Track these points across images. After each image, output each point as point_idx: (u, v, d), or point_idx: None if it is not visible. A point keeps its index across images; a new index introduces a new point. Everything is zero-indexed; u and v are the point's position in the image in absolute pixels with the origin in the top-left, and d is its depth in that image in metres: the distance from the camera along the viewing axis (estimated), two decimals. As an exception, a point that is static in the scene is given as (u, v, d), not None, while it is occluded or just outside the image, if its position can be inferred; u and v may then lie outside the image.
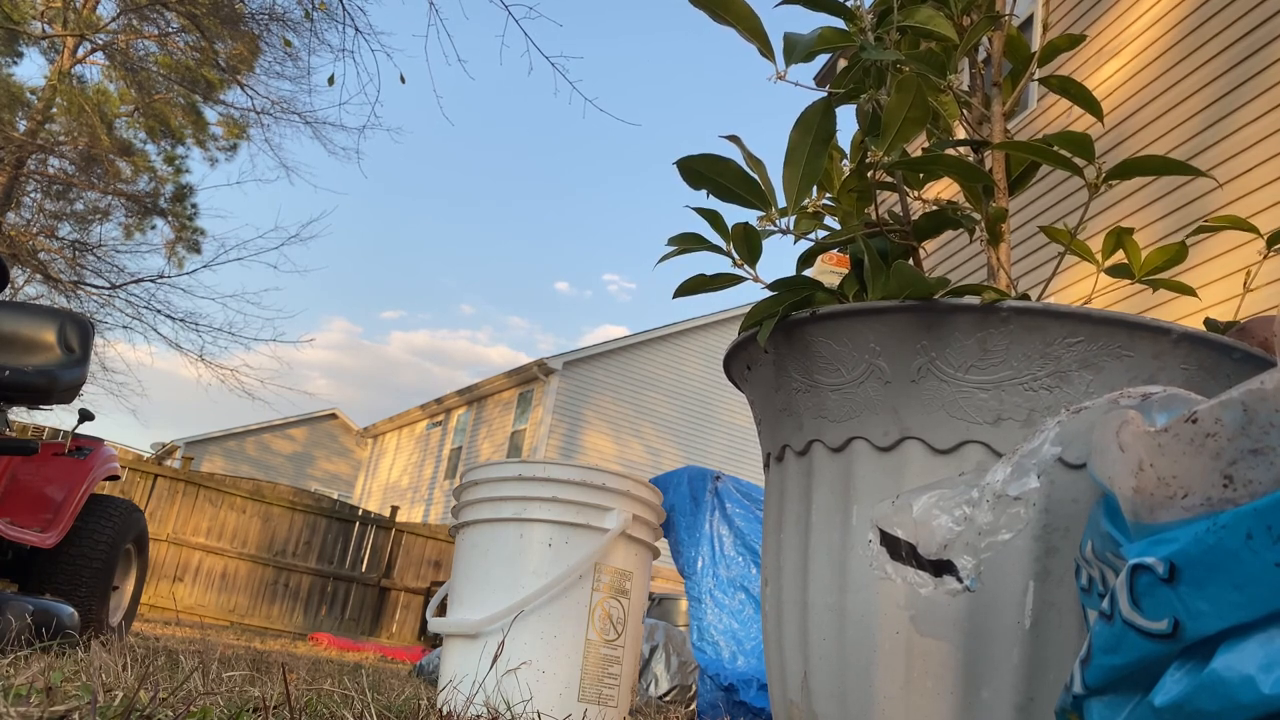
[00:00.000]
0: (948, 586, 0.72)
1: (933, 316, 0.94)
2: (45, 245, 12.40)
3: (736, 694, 2.28)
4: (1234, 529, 0.48)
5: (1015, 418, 0.91)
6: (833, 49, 1.08)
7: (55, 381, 2.68)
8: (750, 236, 1.06)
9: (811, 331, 1.02)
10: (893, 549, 0.74)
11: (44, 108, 11.86)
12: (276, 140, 23.53)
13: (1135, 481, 0.54)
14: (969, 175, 1.04)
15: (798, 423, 1.07)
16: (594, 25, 52.13)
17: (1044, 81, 1.17)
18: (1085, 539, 0.65)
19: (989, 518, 0.68)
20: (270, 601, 9.98)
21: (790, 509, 1.08)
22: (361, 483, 22.45)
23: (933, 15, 1.06)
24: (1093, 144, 1.01)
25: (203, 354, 12.66)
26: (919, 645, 0.89)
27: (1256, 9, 4.53)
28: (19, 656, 1.85)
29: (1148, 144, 5.01)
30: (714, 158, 1.04)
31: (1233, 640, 0.48)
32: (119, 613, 3.30)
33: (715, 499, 2.52)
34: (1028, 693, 0.86)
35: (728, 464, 16.03)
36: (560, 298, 78.84)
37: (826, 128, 1.01)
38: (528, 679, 1.76)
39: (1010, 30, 1.21)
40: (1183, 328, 0.89)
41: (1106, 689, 0.56)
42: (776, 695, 1.09)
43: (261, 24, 11.61)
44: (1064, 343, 0.90)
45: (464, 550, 1.94)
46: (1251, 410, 0.48)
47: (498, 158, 76.46)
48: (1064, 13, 6.03)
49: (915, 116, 0.98)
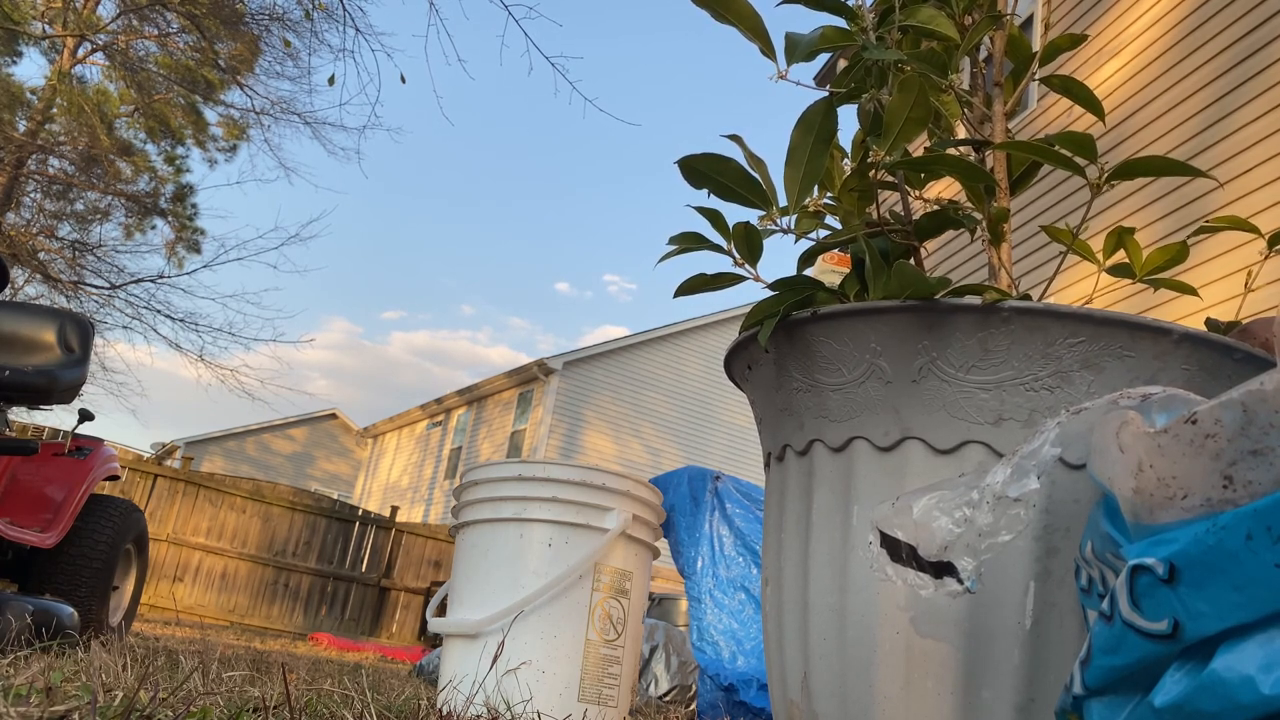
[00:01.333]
0: (948, 588, 0.72)
1: (934, 316, 0.94)
2: (45, 245, 12.41)
3: (736, 694, 2.28)
4: (1234, 530, 0.48)
5: (1016, 418, 0.91)
6: (834, 48, 1.07)
7: (55, 381, 2.68)
8: (751, 236, 1.06)
9: (812, 331, 1.02)
10: (893, 551, 0.74)
11: (44, 108, 11.86)
12: (276, 140, 23.57)
13: (1135, 482, 0.54)
14: (971, 175, 1.04)
15: (798, 422, 1.07)
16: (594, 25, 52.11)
17: (1046, 81, 1.17)
18: (1085, 539, 0.65)
19: (989, 519, 0.68)
20: (270, 601, 9.98)
21: (791, 509, 1.07)
22: (361, 483, 22.46)
23: (934, 15, 1.06)
24: (1095, 144, 1.01)
25: (203, 354, 12.68)
26: (919, 646, 0.89)
27: (1256, 9, 4.53)
28: (19, 656, 1.85)
29: (1148, 144, 5.01)
30: (715, 157, 1.04)
31: (1232, 641, 0.48)
32: (119, 613, 3.30)
33: (715, 499, 2.52)
34: (1028, 693, 0.86)
35: (728, 464, 16.03)
36: (561, 298, 78.87)
37: (828, 127, 1.01)
38: (528, 679, 1.76)
39: (1012, 30, 1.21)
40: (1184, 328, 0.89)
41: (1106, 690, 0.56)
42: (777, 695, 1.09)
43: (261, 24, 11.62)
44: (1065, 343, 0.90)
45: (464, 550, 1.94)
46: (1251, 411, 0.48)
47: (498, 158, 76.49)
48: (1064, 12, 6.04)
49: (917, 116, 0.98)
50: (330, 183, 47.00)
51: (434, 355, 61.11)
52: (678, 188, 1.92)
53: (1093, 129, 5.46)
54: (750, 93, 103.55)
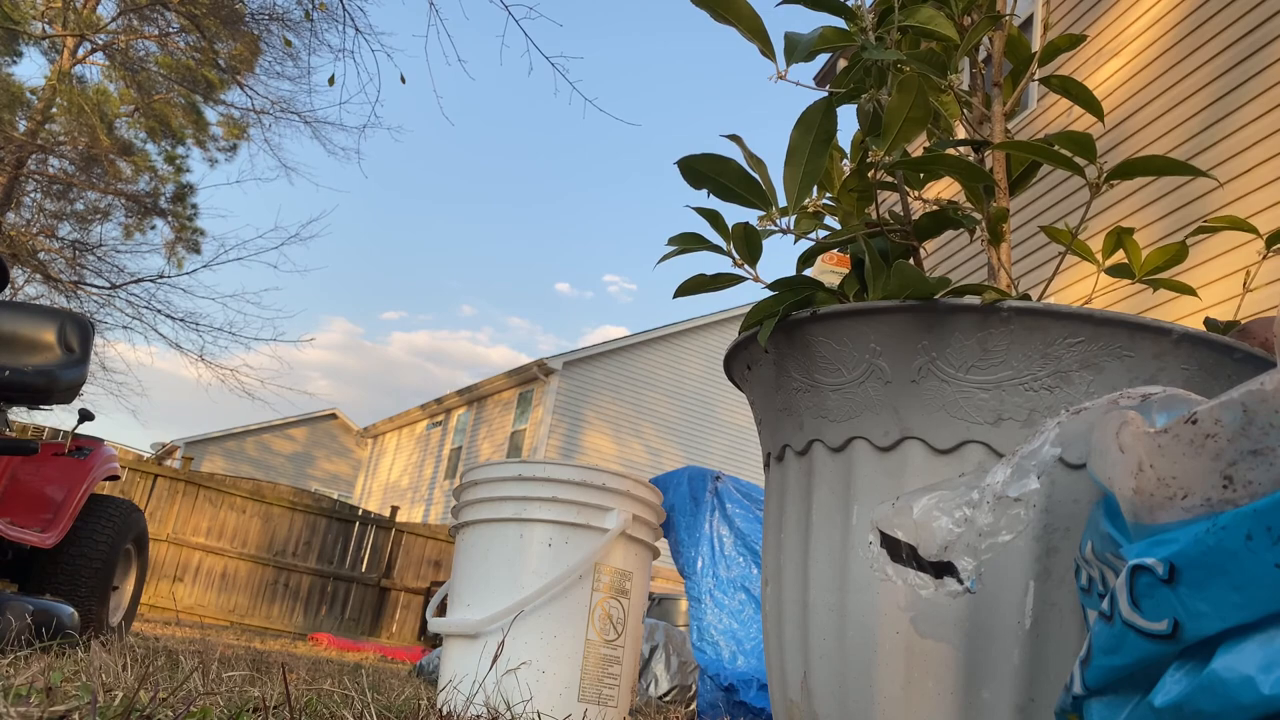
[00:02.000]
0: (948, 588, 0.72)
1: (933, 317, 0.94)
2: (45, 245, 12.40)
3: (736, 694, 2.28)
4: (1234, 530, 0.48)
5: (1016, 418, 0.91)
6: (834, 48, 1.08)
7: (55, 381, 2.68)
8: (750, 236, 1.06)
9: (812, 331, 1.02)
10: (893, 551, 0.74)
11: (44, 108, 11.86)
12: (276, 140, 23.58)
13: (1135, 482, 0.54)
14: (970, 175, 1.04)
15: (798, 422, 1.07)
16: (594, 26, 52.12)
17: (1045, 81, 1.17)
18: (1085, 539, 0.65)
19: (989, 519, 0.68)
20: (270, 601, 9.98)
21: (790, 509, 1.08)
22: (361, 483, 22.45)
23: (934, 15, 1.06)
24: (1094, 144, 1.01)
25: (203, 354, 12.67)
26: (919, 645, 0.89)
27: (1256, 9, 4.53)
28: (19, 656, 1.85)
29: (1148, 144, 5.01)
30: (715, 157, 1.04)
31: (1232, 641, 0.48)
32: (119, 613, 3.30)
33: (715, 499, 2.52)
34: (1028, 693, 0.86)
35: (728, 464, 16.03)
36: (561, 299, 78.88)
37: (827, 127, 1.01)
38: (528, 679, 1.76)
39: (1011, 30, 1.21)
40: (1184, 328, 0.89)
41: (1106, 689, 0.56)
42: (777, 696, 1.09)
43: (261, 24, 11.62)
44: (1065, 343, 0.90)
45: (464, 550, 1.94)
46: (1251, 411, 0.48)
47: (499, 158, 76.50)
48: (1064, 12, 6.03)
49: (917, 116, 0.98)
50: (330, 182, 46.98)
51: (434, 356, 61.12)
52: (678, 188, 1.91)
53: (1092, 129, 5.46)
54: (751, 93, 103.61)
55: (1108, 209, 5.17)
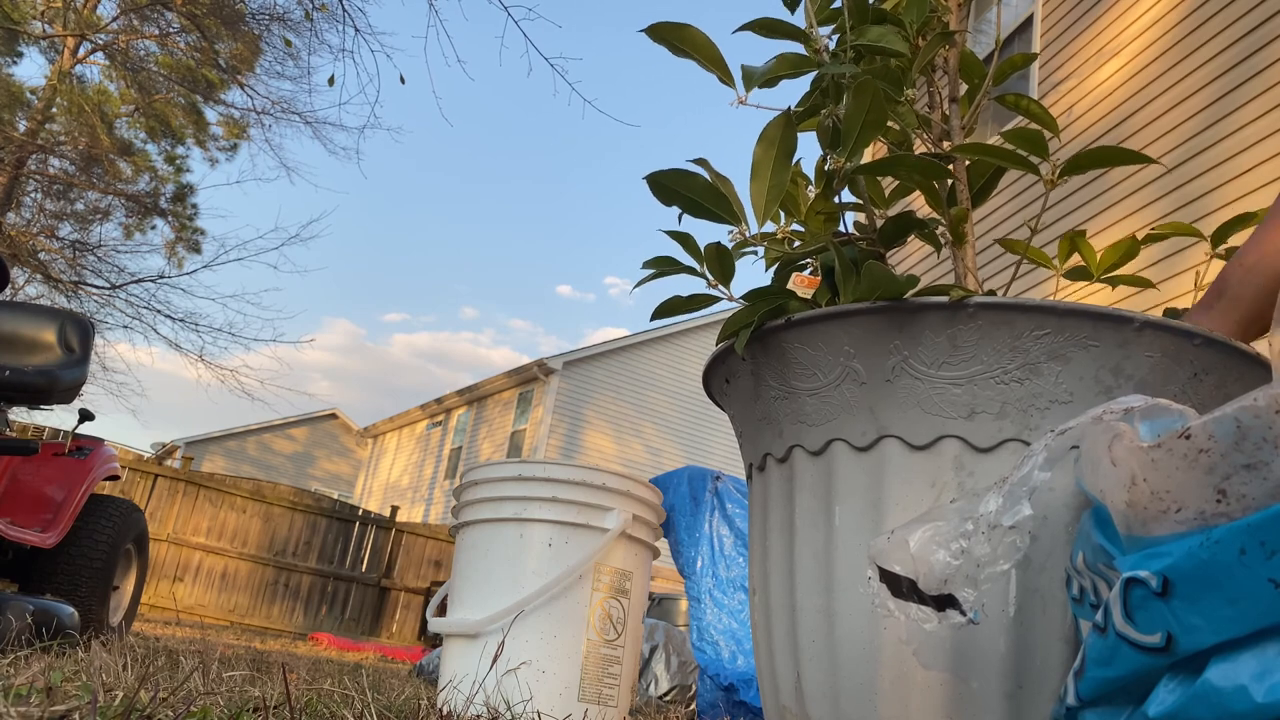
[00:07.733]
0: (952, 620, 0.72)
1: (904, 316, 0.96)
2: (45, 245, 12.40)
3: (736, 694, 2.28)
4: (1227, 544, 0.48)
5: (989, 410, 0.93)
6: (792, 74, 1.09)
7: (55, 381, 2.68)
8: (723, 257, 1.08)
9: (787, 338, 1.04)
10: (894, 586, 0.74)
11: (44, 108, 11.86)
12: (276, 140, 23.57)
13: (1128, 495, 0.54)
14: (930, 172, 1.05)
15: (777, 430, 1.08)
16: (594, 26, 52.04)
17: (1000, 100, 1.20)
18: (1076, 550, 0.65)
19: (986, 549, 0.69)
20: (270, 601, 9.98)
21: (774, 515, 1.09)
22: (362, 483, 22.46)
23: (884, 33, 1.08)
24: (1046, 141, 1.03)
25: (203, 354, 12.67)
26: (912, 646, 0.90)
27: (1256, 9, 4.53)
28: (19, 656, 1.86)
29: (1147, 144, 5.01)
30: (682, 172, 1.05)
31: (1225, 654, 0.48)
32: (119, 613, 3.30)
33: (715, 499, 2.52)
34: (1016, 680, 0.87)
35: (728, 464, 16.03)
36: (562, 301, 78.91)
37: (789, 141, 1.03)
38: (528, 679, 1.77)
39: (964, 49, 1.24)
40: (1145, 316, 0.90)
41: (1100, 700, 0.56)
42: (769, 704, 1.10)
43: (262, 24, 11.62)
44: (1032, 335, 0.91)
45: (464, 550, 1.94)
46: (1245, 426, 0.49)
47: (500, 159, 76.45)
48: (1064, 12, 6.04)
49: (873, 120, 0.99)
50: (331, 183, 46.99)
51: (436, 357, 61.14)
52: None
53: (1092, 129, 5.47)
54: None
55: (1107, 209, 5.18)
